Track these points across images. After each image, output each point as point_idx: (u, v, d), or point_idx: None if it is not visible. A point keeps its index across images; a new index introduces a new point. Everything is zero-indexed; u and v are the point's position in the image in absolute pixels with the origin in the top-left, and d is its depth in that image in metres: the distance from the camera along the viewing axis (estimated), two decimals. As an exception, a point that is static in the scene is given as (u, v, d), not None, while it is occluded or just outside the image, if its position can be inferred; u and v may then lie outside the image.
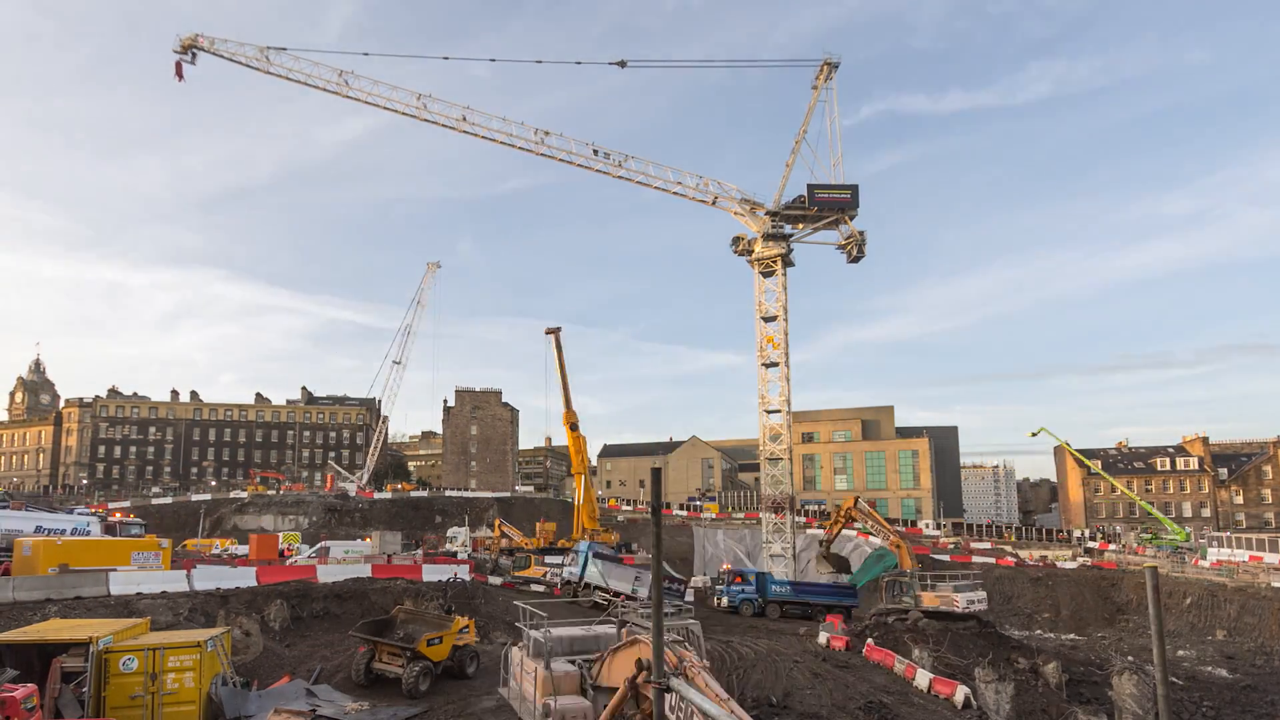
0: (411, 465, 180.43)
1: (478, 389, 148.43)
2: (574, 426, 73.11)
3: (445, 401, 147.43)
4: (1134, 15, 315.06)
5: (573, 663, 17.79)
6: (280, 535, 70.31)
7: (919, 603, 38.78)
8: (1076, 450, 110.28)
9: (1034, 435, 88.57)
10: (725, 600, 50.49)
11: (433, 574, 42.43)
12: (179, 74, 71.64)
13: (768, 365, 64.47)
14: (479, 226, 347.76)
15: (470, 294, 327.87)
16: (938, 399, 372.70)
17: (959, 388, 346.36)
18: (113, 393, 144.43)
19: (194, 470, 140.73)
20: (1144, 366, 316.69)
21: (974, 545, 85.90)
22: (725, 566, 68.33)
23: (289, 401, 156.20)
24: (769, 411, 64.54)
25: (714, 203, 66.60)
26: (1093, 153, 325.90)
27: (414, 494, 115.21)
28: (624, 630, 18.13)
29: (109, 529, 47.03)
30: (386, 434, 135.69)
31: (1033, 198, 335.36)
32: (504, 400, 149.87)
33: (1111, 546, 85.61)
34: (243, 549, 65.04)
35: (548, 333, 72.83)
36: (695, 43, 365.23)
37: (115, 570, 33.46)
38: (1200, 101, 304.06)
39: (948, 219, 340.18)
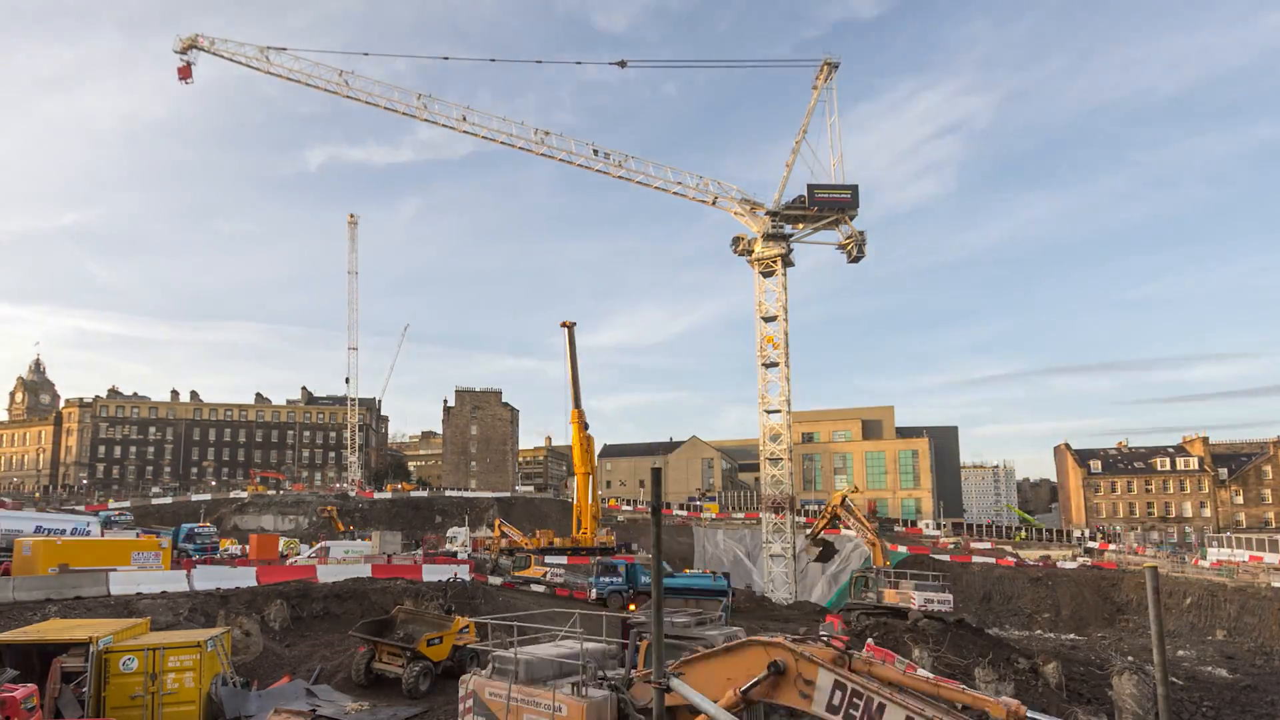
0: (411, 465, 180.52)
1: (478, 389, 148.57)
2: (584, 425, 72.49)
3: (445, 401, 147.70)
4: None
5: (601, 685, 15.73)
6: (281, 540, 70.01)
7: (881, 598, 40.41)
8: (1076, 451, 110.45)
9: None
10: (594, 593, 46.04)
11: (433, 574, 42.35)
12: (185, 75, 69.05)
13: (768, 365, 64.42)
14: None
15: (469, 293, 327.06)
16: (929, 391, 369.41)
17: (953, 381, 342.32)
18: (113, 393, 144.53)
19: (194, 470, 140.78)
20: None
21: (974, 545, 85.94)
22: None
23: (289, 401, 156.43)
24: (769, 411, 64.50)
25: (714, 203, 66.57)
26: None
27: (414, 494, 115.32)
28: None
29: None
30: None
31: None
32: (504, 400, 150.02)
33: (1111, 547, 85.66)
34: (235, 549, 65.16)
35: (563, 325, 72.49)
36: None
37: (115, 570, 33.47)
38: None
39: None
